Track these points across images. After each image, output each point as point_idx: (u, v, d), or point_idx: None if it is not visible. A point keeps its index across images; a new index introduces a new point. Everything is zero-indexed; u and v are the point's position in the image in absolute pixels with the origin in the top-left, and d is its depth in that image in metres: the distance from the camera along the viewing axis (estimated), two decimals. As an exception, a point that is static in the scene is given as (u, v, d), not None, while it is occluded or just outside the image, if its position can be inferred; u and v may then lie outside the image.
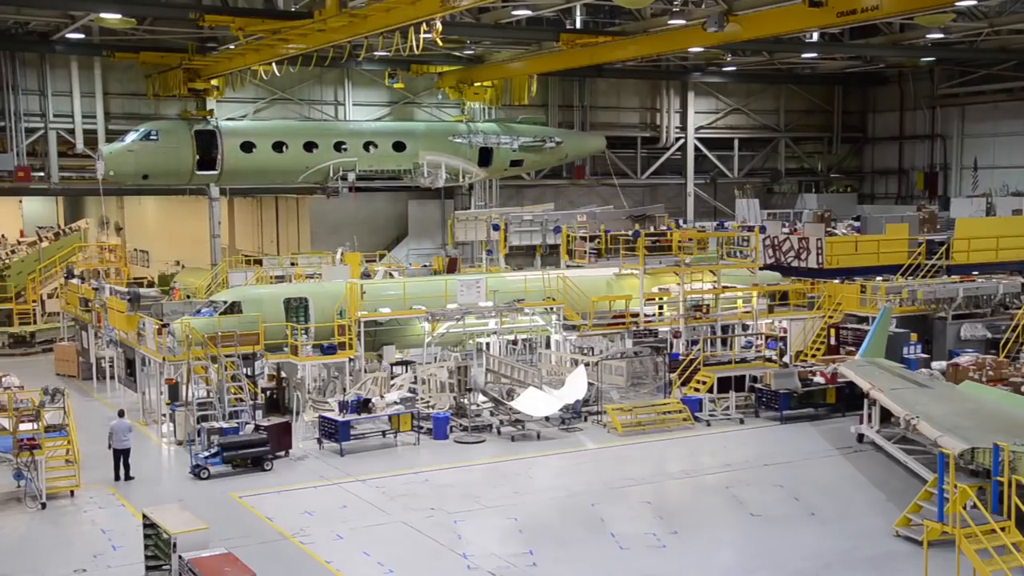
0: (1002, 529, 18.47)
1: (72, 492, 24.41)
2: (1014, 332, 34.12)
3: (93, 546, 21.11)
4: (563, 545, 21.04)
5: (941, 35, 45.11)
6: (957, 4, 32.25)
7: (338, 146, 46.01)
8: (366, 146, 46.74)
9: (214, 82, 44.03)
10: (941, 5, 31.29)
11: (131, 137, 42.31)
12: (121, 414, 26.07)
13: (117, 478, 25.35)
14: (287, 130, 46.19)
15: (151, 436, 30.25)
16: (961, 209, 49.97)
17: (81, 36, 42.07)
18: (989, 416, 23.66)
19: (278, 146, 44.92)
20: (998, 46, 48.96)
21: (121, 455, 25.51)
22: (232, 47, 39.49)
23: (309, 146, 45.50)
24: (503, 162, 49.94)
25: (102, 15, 35.80)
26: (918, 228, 43.26)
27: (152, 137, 42.17)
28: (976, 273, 38.95)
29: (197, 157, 43.14)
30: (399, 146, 47.42)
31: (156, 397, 31.50)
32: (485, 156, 49.14)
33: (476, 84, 48.80)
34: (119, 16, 35.41)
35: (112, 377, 35.53)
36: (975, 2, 35.49)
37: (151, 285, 46.82)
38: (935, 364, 31.44)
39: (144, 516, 19.03)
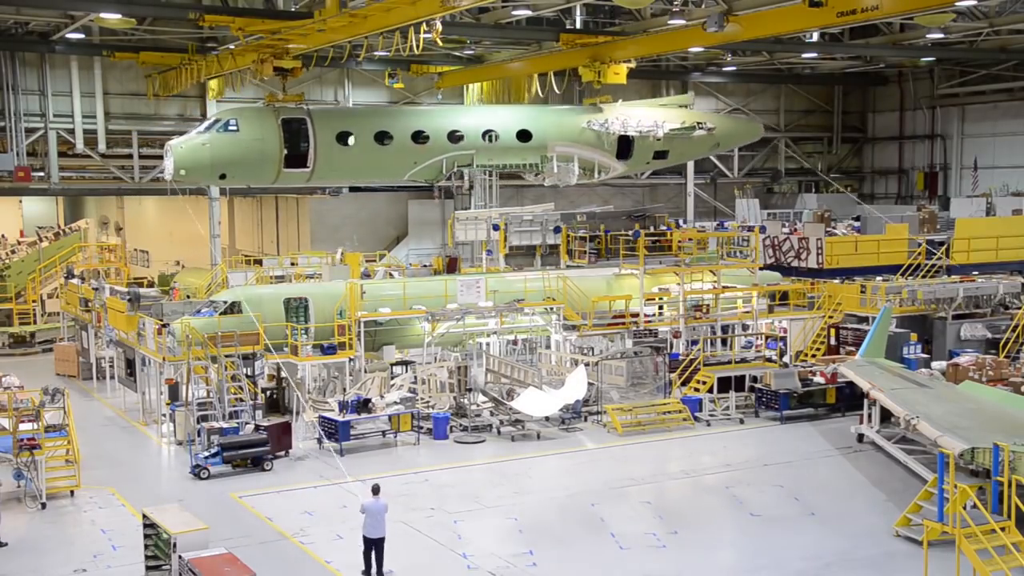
0: (1002, 529, 18.49)
1: (72, 492, 24.42)
2: (1014, 332, 34.13)
3: (93, 546, 21.11)
4: (563, 545, 21.04)
5: (941, 35, 45.11)
6: (957, 4, 32.24)
7: (452, 136, 39.40)
8: (485, 136, 39.90)
9: (298, 49, 35.83)
10: (941, 5, 31.28)
11: (205, 128, 36.34)
12: (376, 491, 19.89)
13: (366, 573, 19.40)
14: (392, 117, 39.85)
15: (151, 436, 30.29)
16: (961, 209, 49.99)
17: (81, 36, 42.09)
18: (989, 416, 23.68)
19: (381, 137, 38.20)
20: (998, 46, 48.98)
21: (373, 545, 19.31)
22: (232, 47, 39.48)
23: (418, 136, 38.88)
24: (645, 154, 42.51)
25: (102, 15, 35.79)
26: (918, 228, 43.27)
27: (231, 127, 35.67)
28: (976, 273, 38.96)
29: (285, 151, 36.53)
30: (524, 136, 40.44)
31: (156, 397, 31.53)
32: (624, 147, 41.92)
33: (614, 64, 39.39)
34: (119, 16, 35.40)
35: (112, 377, 35.55)
36: (975, 2, 35.48)
37: (151, 285, 46.80)
38: (935, 364, 31.47)
39: (144, 516, 19.04)
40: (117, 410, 33.19)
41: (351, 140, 37.44)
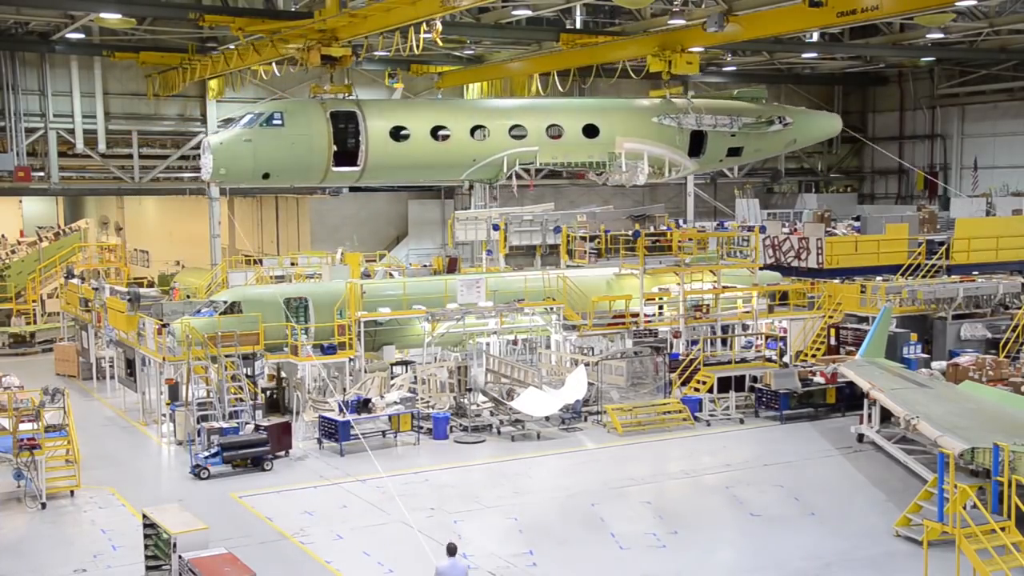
0: (1002, 529, 18.49)
1: (72, 492, 24.42)
2: (1014, 332, 34.13)
3: (93, 546, 21.12)
4: (563, 545, 21.04)
5: (941, 35, 45.12)
6: (957, 4, 32.22)
7: (514, 131, 36.85)
8: (550, 131, 37.42)
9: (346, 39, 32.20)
10: (941, 5, 31.27)
11: (246, 122, 33.28)
12: (452, 551, 16.84)
13: None
14: (450, 111, 37.20)
15: (151, 436, 30.29)
16: (961, 209, 49.99)
17: (81, 36, 42.07)
18: (989, 416, 23.68)
19: (437, 132, 35.56)
20: (998, 46, 48.98)
21: None
22: (232, 47, 39.47)
23: (477, 131, 36.29)
24: (718, 151, 39.80)
25: (102, 15, 35.80)
26: (918, 228, 43.28)
27: (275, 122, 32.82)
28: (976, 273, 38.96)
29: (334, 148, 33.61)
30: (591, 131, 37.86)
31: (156, 397, 31.54)
32: (696, 143, 39.21)
33: (687, 51, 35.52)
34: (119, 16, 35.40)
35: (112, 377, 35.56)
36: (975, 2, 35.48)
37: (151, 285, 46.83)
38: (935, 364, 31.48)
39: (144, 516, 19.04)
40: (117, 410, 33.20)
41: (405, 135, 34.62)
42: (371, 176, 35.43)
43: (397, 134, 34.74)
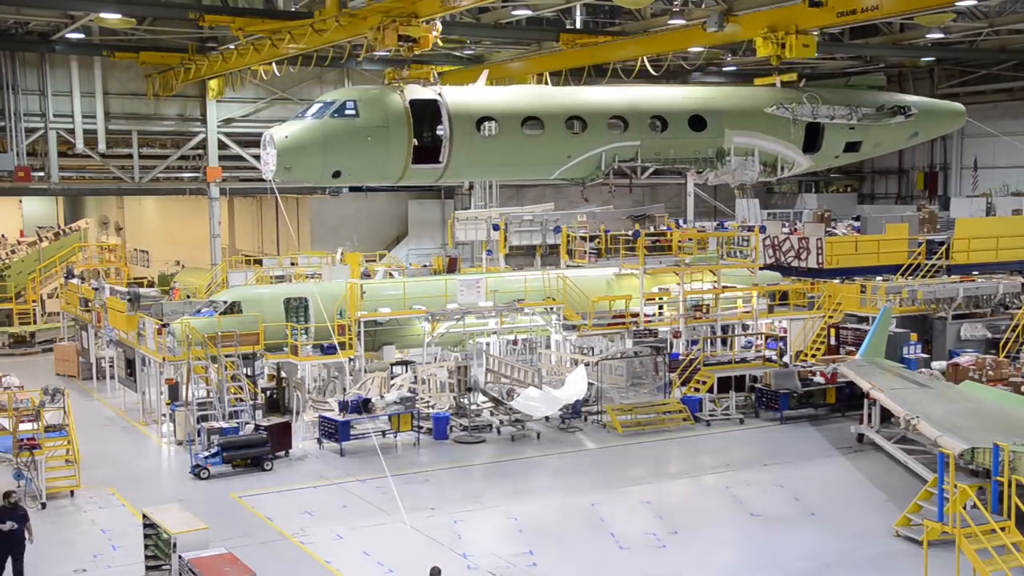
0: (1002, 529, 18.49)
1: (72, 492, 24.42)
2: (1014, 332, 34.12)
3: (93, 546, 21.12)
4: (563, 545, 21.04)
5: (941, 35, 45.11)
6: (957, 4, 32.20)
7: (614, 123, 33.90)
8: (653, 124, 34.35)
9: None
10: (941, 5, 31.27)
11: (315, 113, 29.60)
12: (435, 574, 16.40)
13: None
14: (542, 100, 33.44)
15: (151, 436, 30.29)
16: (961, 209, 49.98)
17: (81, 36, 42.09)
18: (989, 416, 23.68)
19: (528, 123, 32.62)
20: (998, 46, 48.97)
21: None
22: (232, 47, 39.48)
23: (573, 124, 33.26)
24: (835, 146, 36.53)
25: (102, 15, 35.80)
26: (918, 228, 43.26)
27: (348, 111, 29.09)
28: (976, 273, 38.96)
29: (415, 142, 30.02)
30: (698, 123, 34.83)
31: (156, 397, 31.54)
32: (811, 137, 35.90)
33: (801, 33, 30.48)
34: (119, 16, 35.40)
35: (112, 377, 35.55)
36: (975, 2, 35.46)
37: (151, 285, 46.82)
38: (935, 364, 31.46)
39: (144, 516, 19.05)
40: (117, 410, 33.20)
41: (491, 127, 31.34)
42: (453, 174, 32.28)
43: (483, 126, 31.58)
